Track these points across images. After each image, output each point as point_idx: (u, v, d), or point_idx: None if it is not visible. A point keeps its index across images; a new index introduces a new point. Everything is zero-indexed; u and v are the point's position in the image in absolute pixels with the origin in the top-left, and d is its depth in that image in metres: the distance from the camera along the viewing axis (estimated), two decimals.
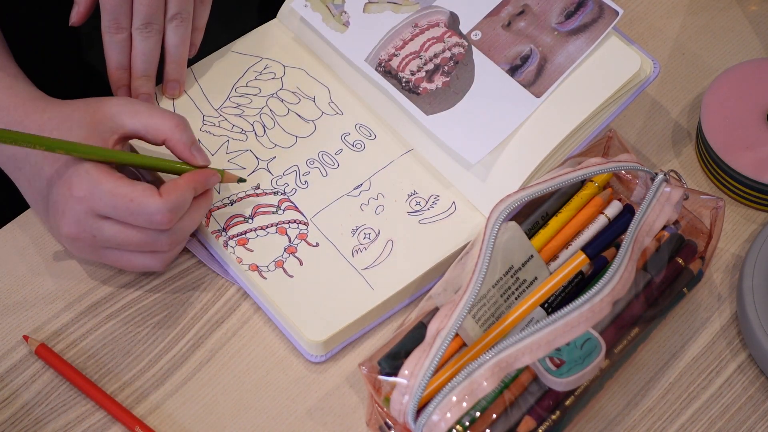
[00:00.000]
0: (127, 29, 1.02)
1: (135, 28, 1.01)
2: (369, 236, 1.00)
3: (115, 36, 1.01)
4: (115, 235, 0.94)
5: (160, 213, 0.93)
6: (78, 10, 1.03)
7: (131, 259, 0.96)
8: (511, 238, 0.93)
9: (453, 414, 0.86)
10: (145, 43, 1.02)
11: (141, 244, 0.94)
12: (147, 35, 1.01)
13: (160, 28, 1.02)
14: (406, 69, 1.04)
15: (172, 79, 1.05)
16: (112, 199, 0.92)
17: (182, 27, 1.03)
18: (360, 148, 1.04)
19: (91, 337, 0.98)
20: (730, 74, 1.08)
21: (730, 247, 1.03)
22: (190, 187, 0.95)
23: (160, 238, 0.95)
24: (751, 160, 1.03)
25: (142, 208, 0.92)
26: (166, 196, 0.93)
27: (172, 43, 1.03)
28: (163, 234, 0.95)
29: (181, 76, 1.05)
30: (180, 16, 1.02)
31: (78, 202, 0.93)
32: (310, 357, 0.97)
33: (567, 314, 0.89)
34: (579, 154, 1.01)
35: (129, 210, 0.92)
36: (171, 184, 0.94)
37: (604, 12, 1.03)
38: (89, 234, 0.94)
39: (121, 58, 1.03)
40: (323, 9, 1.07)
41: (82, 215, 0.93)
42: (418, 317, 0.92)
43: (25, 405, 0.95)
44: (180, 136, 0.96)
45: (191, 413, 0.95)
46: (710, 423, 0.95)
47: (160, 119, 0.96)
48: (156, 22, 1.01)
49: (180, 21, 1.02)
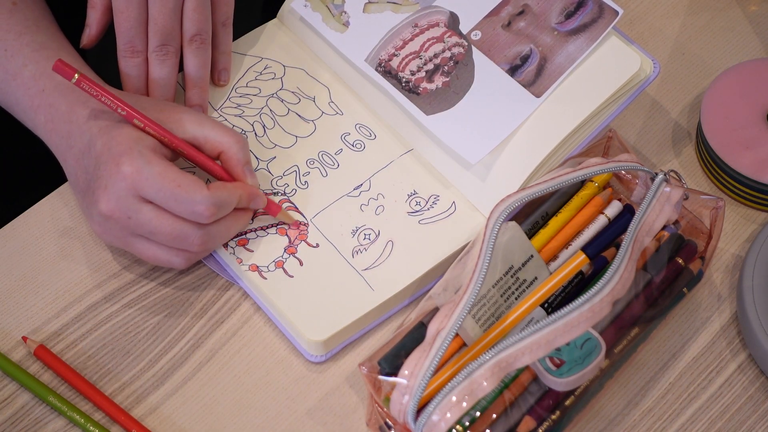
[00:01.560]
0: (142, 52, 1.00)
1: (151, 51, 1.00)
2: (369, 237, 1.00)
3: (131, 60, 1.00)
4: (151, 220, 0.93)
5: (204, 204, 0.92)
6: (89, 32, 1.02)
7: (157, 252, 0.95)
8: (511, 238, 0.93)
9: (453, 414, 0.86)
10: (162, 66, 1.00)
11: (173, 236, 0.94)
12: (163, 58, 1.00)
13: (176, 51, 1.01)
14: (406, 69, 1.04)
15: (194, 104, 1.03)
16: (160, 181, 0.92)
17: (202, 49, 1.01)
18: (360, 148, 1.04)
19: (90, 338, 0.98)
20: (730, 74, 1.08)
21: (730, 247, 1.03)
22: (237, 193, 0.95)
23: (194, 234, 0.94)
24: (751, 160, 1.03)
25: (188, 195, 0.92)
26: (214, 191, 0.93)
27: (192, 66, 1.02)
28: (198, 230, 0.94)
29: (204, 101, 1.03)
30: (199, 38, 1.01)
31: (123, 178, 0.92)
32: (310, 357, 0.97)
33: (567, 314, 0.89)
34: (579, 154, 1.01)
35: (174, 195, 0.92)
36: (220, 183, 0.95)
37: (604, 12, 1.03)
38: (125, 215, 0.93)
39: (137, 83, 1.01)
40: (323, 9, 1.07)
41: (124, 193, 0.92)
42: (418, 317, 0.92)
43: (25, 405, 0.95)
44: (236, 152, 0.96)
45: (191, 413, 0.95)
46: (710, 423, 0.95)
47: (222, 133, 0.96)
48: (172, 44, 1.00)
49: (200, 43, 1.01)
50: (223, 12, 1.03)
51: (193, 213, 0.93)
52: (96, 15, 1.02)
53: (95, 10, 1.02)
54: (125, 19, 0.99)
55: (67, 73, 0.93)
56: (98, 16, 1.02)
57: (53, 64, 0.93)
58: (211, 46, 1.03)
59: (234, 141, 0.96)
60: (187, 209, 0.92)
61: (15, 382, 0.95)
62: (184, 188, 0.92)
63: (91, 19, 1.02)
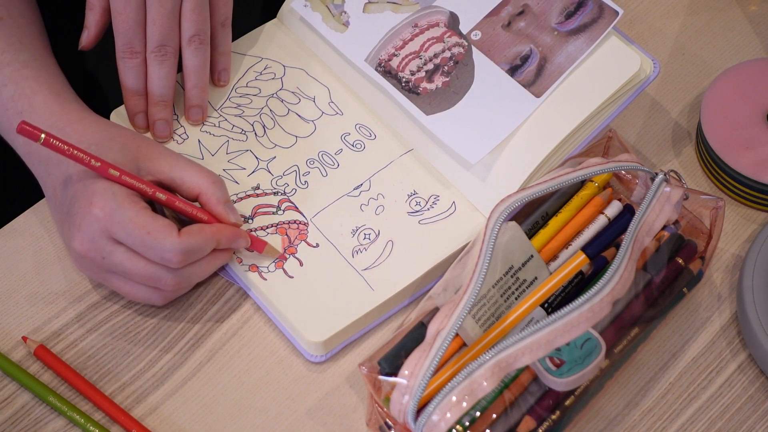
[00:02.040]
0: (141, 53, 1.00)
1: (149, 51, 1.00)
2: (369, 236, 1.00)
3: (130, 61, 1.00)
4: (123, 263, 0.93)
5: (173, 252, 0.92)
6: (88, 34, 1.02)
7: (133, 289, 0.95)
8: (512, 238, 0.93)
9: (453, 414, 0.86)
10: (160, 67, 1.00)
11: (146, 277, 0.94)
12: (162, 59, 1.00)
13: (175, 51, 1.01)
14: (406, 69, 1.04)
15: (194, 104, 1.03)
16: (129, 226, 0.92)
17: (202, 49, 1.01)
18: (360, 148, 1.04)
19: (90, 338, 0.98)
20: (730, 74, 1.08)
21: (730, 247, 1.03)
22: (213, 238, 0.95)
23: (166, 277, 0.94)
24: (751, 160, 1.03)
25: (156, 243, 0.92)
26: (185, 237, 0.93)
27: (191, 66, 1.02)
28: (169, 273, 0.94)
29: (204, 101, 1.03)
30: (198, 38, 1.01)
31: (96, 220, 0.92)
32: (310, 357, 0.97)
33: (567, 314, 0.89)
34: (579, 154, 1.01)
35: (143, 241, 0.92)
36: (195, 228, 0.94)
37: (604, 12, 1.03)
38: (99, 255, 0.93)
39: (136, 84, 1.01)
40: (323, 9, 1.07)
41: (97, 234, 0.92)
42: (418, 317, 0.92)
43: (25, 405, 0.95)
44: (214, 192, 0.96)
45: (191, 413, 0.95)
46: (710, 423, 0.95)
47: (197, 174, 0.96)
48: (170, 45, 1.00)
49: (199, 43, 1.01)
50: (222, 13, 1.03)
51: (162, 259, 0.93)
52: (94, 17, 1.01)
53: (94, 11, 1.01)
54: (123, 20, 0.99)
55: (33, 134, 0.91)
56: (97, 18, 1.01)
57: (17, 127, 0.91)
58: (211, 46, 1.03)
59: (211, 182, 0.96)
60: (157, 255, 0.92)
61: (15, 382, 0.95)
62: (153, 235, 0.92)
63: (89, 20, 1.02)
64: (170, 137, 1.03)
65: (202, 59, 1.02)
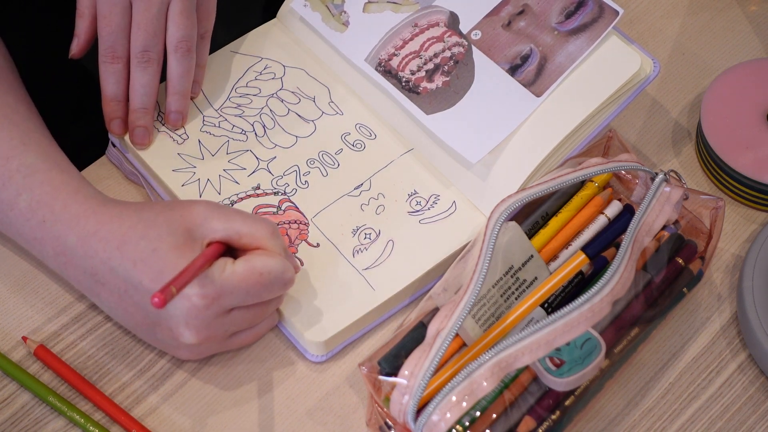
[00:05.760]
0: (123, 58, 0.99)
1: (132, 56, 0.98)
2: (369, 236, 1.00)
3: (111, 65, 0.99)
4: (246, 320, 0.91)
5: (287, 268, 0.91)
6: (78, 42, 1.01)
7: (258, 330, 0.95)
8: (512, 239, 0.93)
9: (453, 414, 0.86)
10: (143, 74, 0.99)
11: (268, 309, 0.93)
12: (145, 65, 0.98)
13: (159, 58, 0.99)
14: (406, 69, 1.04)
15: (174, 110, 1.02)
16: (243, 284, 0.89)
17: (188, 56, 1.00)
18: (360, 147, 1.04)
19: (90, 338, 0.98)
20: (730, 74, 1.08)
21: (730, 247, 1.03)
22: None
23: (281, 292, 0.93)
24: (751, 160, 1.04)
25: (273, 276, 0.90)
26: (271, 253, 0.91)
27: (176, 73, 1.00)
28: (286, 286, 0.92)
29: (185, 107, 1.02)
30: (185, 43, 0.99)
31: (206, 307, 0.88)
32: (311, 357, 0.97)
33: (567, 314, 0.89)
34: (579, 154, 1.01)
35: (261, 284, 0.90)
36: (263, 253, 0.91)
37: (604, 12, 1.03)
38: (220, 332, 0.91)
39: (116, 89, 0.99)
40: (323, 9, 1.07)
41: (211, 318, 0.89)
42: (418, 317, 0.92)
43: (25, 405, 0.95)
44: (275, 244, 0.91)
45: (191, 413, 0.95)
46: (710, 423, 0.95)
47: (255, 226, 0.91)
48: (154, 51, 0.98)
49: (186, 50, 0.99)
50: (203, 25, 1.02)
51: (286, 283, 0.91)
52: (84, 24, 1.00)
53: (83, 19, 1.00)
54: (107, 24, 0.98)
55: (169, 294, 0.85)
56: (86, 25, 1.00)
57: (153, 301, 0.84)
58: None
59: (269, 233, 0.91)
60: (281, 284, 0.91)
61: (15, 382, 0.95)
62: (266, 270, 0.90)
63: (79, 28, 1.00)
64: (149, 144, 1.02)
65: (187, 66, 1.00)
